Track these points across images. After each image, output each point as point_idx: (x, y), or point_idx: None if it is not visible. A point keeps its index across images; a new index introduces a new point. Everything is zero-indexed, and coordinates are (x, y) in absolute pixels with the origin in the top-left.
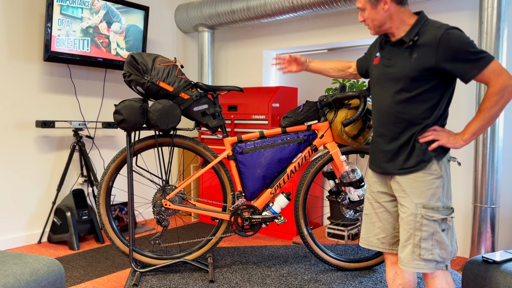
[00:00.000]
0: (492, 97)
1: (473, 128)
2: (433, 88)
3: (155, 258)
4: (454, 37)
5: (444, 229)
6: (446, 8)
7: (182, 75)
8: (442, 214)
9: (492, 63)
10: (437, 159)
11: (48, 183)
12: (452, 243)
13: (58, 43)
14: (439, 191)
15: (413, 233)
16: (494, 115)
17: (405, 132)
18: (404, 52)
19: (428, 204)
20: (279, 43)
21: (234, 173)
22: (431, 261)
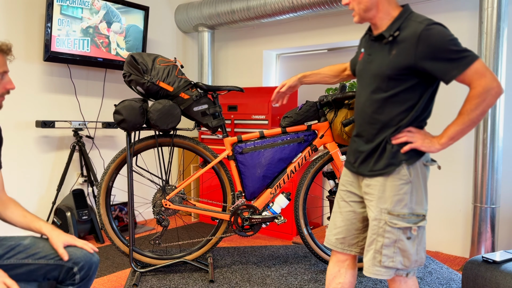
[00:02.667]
0: (474, 99)
1: (452, 132)
2: (411, 88)
3: (155, 258)
4: (435, 33)
5: (410, 237)
6: (446, 8)
7: (182, 75)
8: (408, 222)
9: (476, 63)
10: (408, 163)
11: (48, 183)
12: (418, 252)
13: (58, 43)
14: (407, 197)
15: (375, 239)
16: (475, 120)
17: (380, 134)
18: (384, 47)
19: (393, 211)
20: (279, 43)
21: (234, 173)
22: (392, 268)
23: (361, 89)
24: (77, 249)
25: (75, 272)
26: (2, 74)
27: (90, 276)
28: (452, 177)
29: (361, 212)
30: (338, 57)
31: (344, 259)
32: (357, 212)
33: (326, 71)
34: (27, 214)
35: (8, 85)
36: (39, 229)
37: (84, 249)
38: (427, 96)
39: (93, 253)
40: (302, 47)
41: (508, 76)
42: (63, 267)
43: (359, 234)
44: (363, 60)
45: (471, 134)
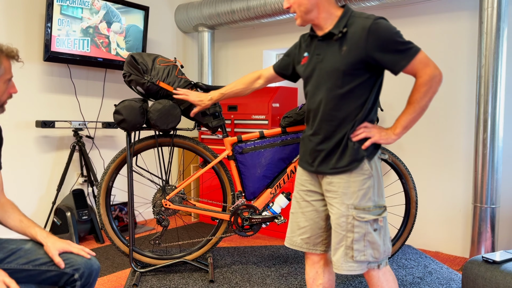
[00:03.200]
0: (421, 87)
1: (404, 121)
2: (364, 83)
3: (155, 258)
4: (383, 27)
5: (376, 229)
6: (446, 8)
7: (182, 75)
8: (373, 214)
9: (420, 54)
10: (369, 158)
11: (48, 183)
12: (385, 242)
13: (58, 43)
14: (370, 191)
15: (345, 235)
16: (424, 106)
17: (339, 131)
18: (334, 45)
19: (359, 205)
20: (279, 43)
21: (234, 173)
22: (364, 262)
23: (315, 89)
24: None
25: (76, 279)
26: (9, 80)
27: (90, 283)
28: (452, 177)
29: (323, 210)
30: None
31: (318, 259)
32: (320, 211)
33: (239, 84)
34: (23, 219)
35: (12, 89)
36: (34, 235)
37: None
38: (375, 90)
39: (94, 260)
40: None
41: (508, 76)
42: (64, 274)
43: (322, 232)
44: (311, 62)
45: (471, 134)
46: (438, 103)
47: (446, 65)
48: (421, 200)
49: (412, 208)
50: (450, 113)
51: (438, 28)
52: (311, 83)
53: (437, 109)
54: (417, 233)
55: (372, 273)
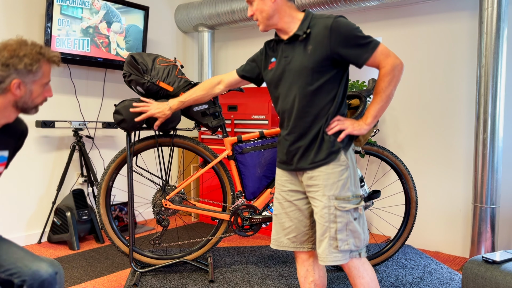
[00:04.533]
0: (385, 77)
1: (373, 111)
2: (332, 78)
3: (155, 258)
4: (343, 24)
5: (356, 218)
6: (446, 8)
7: (182, 75)
8: (353, 203)
9: (380, 46)
10: (345, 150)
11: (48, 183)
12: (364, 230)
13: (58, 43)
14: (349, 181)
15: (328, 226)
16: (390, 95)
17: (313, 126)
18: (300, 46)
19: (339, 195)
20: None
21: (234, 173)
22: (347, 252)
23: (286, 90)
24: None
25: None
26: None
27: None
28: (452, 177)
29: (306, 208)
30: None
31: (307, 257)
32: (303, 209)
33: (198, 90)
34: None
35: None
36: None
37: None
38: (343, 85)
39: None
40: None
41: (508, 76)
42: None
43: (308, 230)
44: (280, 65)
45: (471, 134)
46: (438, 103)
47: (446, 65)
48: (421, 200)
49: (412, 208)
50: (450, 113)
51: (438, 28)
52: (282, 85)
53: (437, 109)
54: (417, 233)
55: (353, 264)
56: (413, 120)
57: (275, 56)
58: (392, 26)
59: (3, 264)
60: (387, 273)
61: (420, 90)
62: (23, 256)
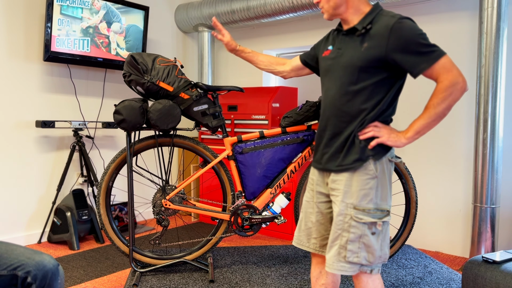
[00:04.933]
0: (440, 93)
1: (418, 126)
2: (380, 82)
3: (155, 258)
4: (407, 27)
5: (374, 233)
6: (446, 8)
7: (182, 75)
8: (373, 217)
9: (443, 58)
10: (375, 159)
11: (48, 183)
12: (382, 248)
13: (58, 43)
14: (372, 192)
15: (340, 234)
16: (440, 114)
17: (348, 128)
18: (355, 40)
19: (359, 205)
20: (279, 43)
21: (234, 173)
22: (356, 264)
23: (331, 84)
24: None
25: (30, 282)
26: None
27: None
28: (452, 177)
29: (328, 212)
30: None
31: (322, 260)
32: (324, 213)
33: (265, 57)
34: None
35: None
36: None
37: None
38: (393, 92)
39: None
40: (302, 47)
41: (508, 76)
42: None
43: (328, 235)
44: (332, 55)
45: (471, 134)
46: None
47: None
48: (421, 200)
49: (412, 208)
50: (450, 113)
51: (438, 28)
52: (328, 76)
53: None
54: (417, 233)
55: (361, 277)
56: None
57: (332, 44)
58: None
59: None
60: (387, 273)
61: (420, 90)
62: (25, 250)
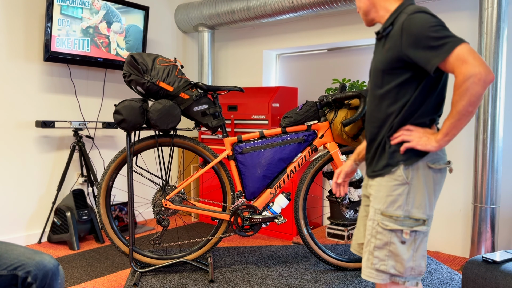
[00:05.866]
0: (457, 90)
1: (445, 127)
2: (404, 83)
3: (155, 258)
4: (416, 21)
5: (404, 242)
6: (446, 8)
7: (182, 75)
8: (401, 224)
9: (457, 49)
10: (406, 164)
11: (48, 183)
12: (415, 259)
13: (58, 43)
14: (401, 199)
15: (369, 240)
16: (463, 111)
17: (380, 133)
18: (381, 44)
19: (386, 211)
20: (279, 43)
21: (234, 173)
22: (384, 273)
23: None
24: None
25: (30, 282)
26: None
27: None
28: (452, 177)
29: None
30: (338, 57)
31: None
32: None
33: None
34: None
35: None
36: None
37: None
38: (421, 91)
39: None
40: (302, 47)
41: (508, 76)
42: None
43: None
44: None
45: (471, 134)
46: None
47: None
48: None
49: None
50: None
51: None
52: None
53: None
54: None
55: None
56: None
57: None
58: None
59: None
60: None
61: None
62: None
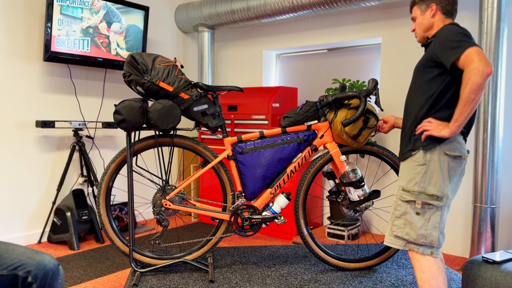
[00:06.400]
0: (463, 80)
1: (455, 114)
2: (433, 79)
3: (155, 258)
4: (445, 30)
5: (419, 213)
6: None
7: (182, 75)
8: (416, 197)
9: (469, 50)
10: (425, 149)
11: (48, 183)
12: (426, 228)
13: (58, 43)
14: (418, 177)
15: (392, 212)
16: (467, 98)
17: (408, 122)
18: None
19: (406, 187)
20: (279, 43)
21: (234, 173)
22: (400, 238)
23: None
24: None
25: (30, 281)
26: None
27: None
28: None
29: None
30: (338, 57)
31: None
32: None
33: None
34: None
35: None
36: None
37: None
38: (444, 86)
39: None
40: (302, 47)
41: (508, 76)
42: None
43: None
44: None
45: (471, 134)
46: None
47: None
48: None
49: None
50: None
51: None
52: None
53: None
54: None
55: (416, 257)
56: None
57: None
58: (392, 26)
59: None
60: (387, 273)
61: None
62: (25, 250)
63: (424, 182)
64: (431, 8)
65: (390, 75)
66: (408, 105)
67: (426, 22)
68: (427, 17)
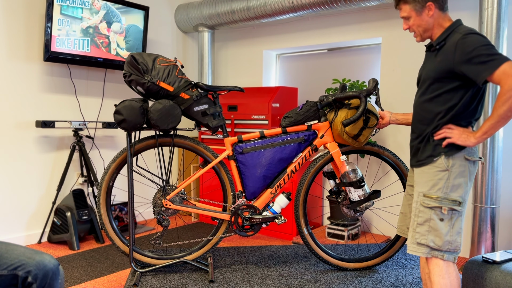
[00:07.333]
0: (501, 97)
1: (485, 126)
2: (452, 90)
3: (155, 258)
4: (469, 41)
5: (443, 219)
6: None
7: (182, 75)
8: (440, 203)
9: (504, 65)
10: (447, 155)
11: (48, 183)
12: (452, 234)
13: (58, 43)
14: (441, 183)
15: (413, 219)
16: (503, 115)
17: (426, 129)
18: (433, 54)
19: (428, 193)
20: (279, 43)
21: (235, 173)
22: (424, 246)
23: (417, 92)
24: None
25: (30, 281)
26: None
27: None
28: None
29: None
30: (338, 57)
31: None
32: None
33: None
34: None
35: None
36: None
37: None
38: (467, 98)
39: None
40: (302, 47)
41: None
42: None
43: None
44: (421, 69)
45: None
46: None
47: None
48: None
49: None
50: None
51: None
52: (418, 88)
53: None
54: None
55: (436, 262)
56: None
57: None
58: (392, 26)
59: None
60: (387, 273)
61: None
62: (25, 250)
63: (447, 188)
64: (429, 8)
65: (390, 75)
66: (420, 113)
67: (425, 23)
68: (425, 17)
